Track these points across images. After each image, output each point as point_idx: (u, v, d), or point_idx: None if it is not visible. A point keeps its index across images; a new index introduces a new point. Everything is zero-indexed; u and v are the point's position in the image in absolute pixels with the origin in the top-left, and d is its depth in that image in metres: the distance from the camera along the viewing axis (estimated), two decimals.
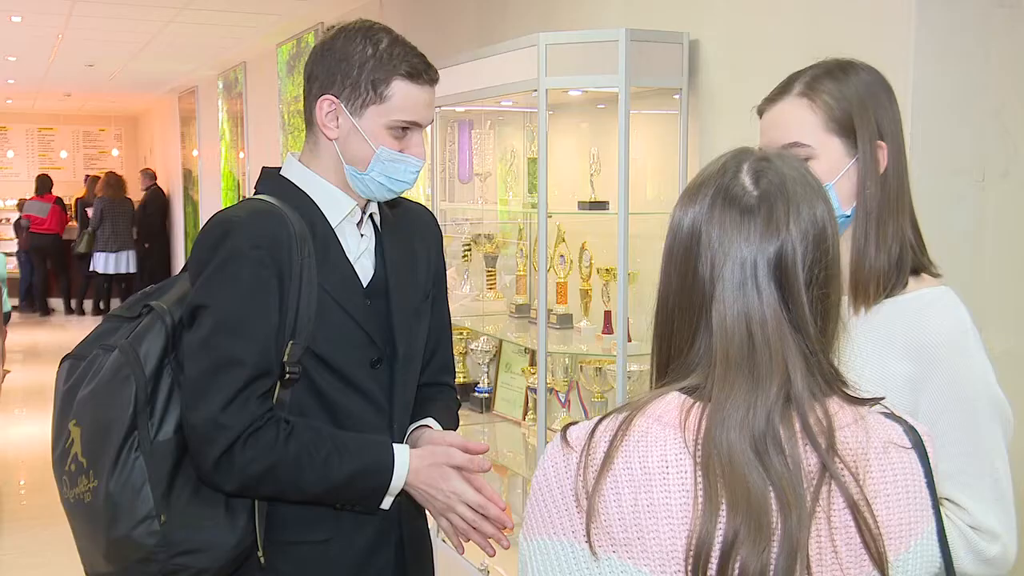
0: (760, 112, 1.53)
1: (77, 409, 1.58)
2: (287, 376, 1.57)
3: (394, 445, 1.62)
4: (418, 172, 1.68)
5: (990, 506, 1.38)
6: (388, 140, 1.63)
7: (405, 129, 1.64)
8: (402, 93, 1.61)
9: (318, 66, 1.65)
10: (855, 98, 1.45)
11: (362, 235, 1.71)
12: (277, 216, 1.59)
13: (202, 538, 1.55)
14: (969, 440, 1.39)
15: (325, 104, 1.63)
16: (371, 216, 1.73)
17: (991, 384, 1.42)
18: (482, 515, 1.62)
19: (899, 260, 1.45)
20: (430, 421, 1.76)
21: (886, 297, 1.45)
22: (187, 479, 1.56)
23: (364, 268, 1.69)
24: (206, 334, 1.53)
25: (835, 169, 1.45)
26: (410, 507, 1.70)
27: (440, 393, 1.85)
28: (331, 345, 1.61)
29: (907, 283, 1.46)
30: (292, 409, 1.59)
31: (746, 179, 1.01)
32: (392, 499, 1.62)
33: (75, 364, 1.63)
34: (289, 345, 1.57)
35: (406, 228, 1.78)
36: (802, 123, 1.46)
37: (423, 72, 1.63)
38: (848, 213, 1.46)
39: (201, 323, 1.54)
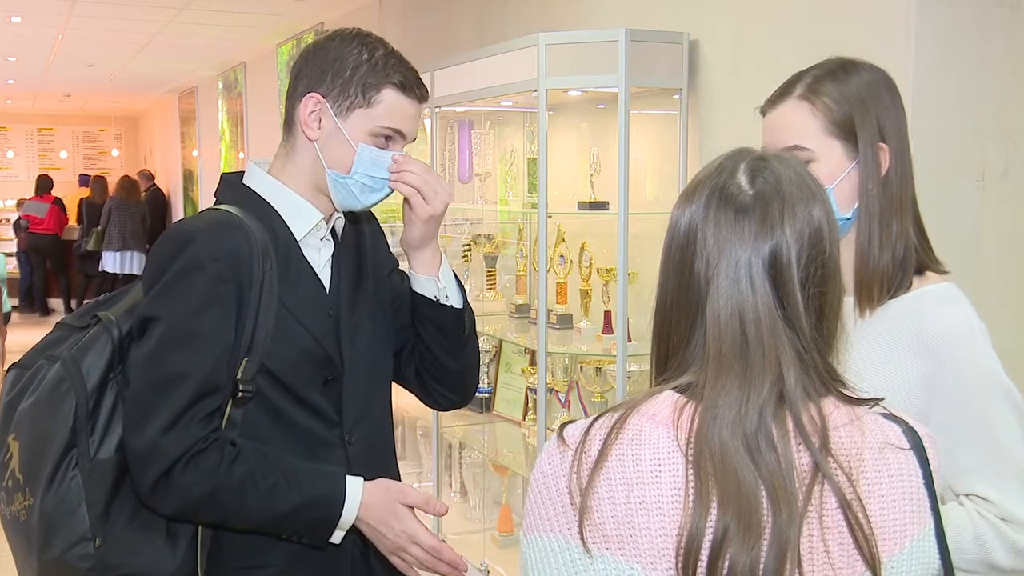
0: (763, 112, 1.53)
1: (17, 422, 1.51)
2: (240, 394, 1.51)
3: (347, 478, 1.54)
4: None
5: (1017, 496, 1.38)
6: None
7: (388, 139, 1.59)
8: (391, 101, 1.57)
9: (308, 65, 1.60)
10: (856, 99, 1.44)
11: (323, 246, 1.65)
12: (238, 228, 1.52)
13: (139, 563, 1.48)
14: (986, 433, 1.39)
15: (310, 102, 1.58)
16: (333, 228, 1.68)
17: (1000, 375, 1.41)
18: (435, 557, 1.56)
19: (903, 260, 1.45)
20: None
21: (890, 298, 1.45)
22: (126, 500, 1.49)
23: (325, 279, 1.64)
24: (153, 348, 1.46)
25: (835, 172, 1.44)
26: None
27: None
28: (287, 363, 1.55)
29: (911, 283, 1.46)
30: (244, 429, 1.53)
31: (742, 179, 1.02)
32: (343, 533, 1.54)
33: (20, 374, 1.56)
34: (244, 362, 1.50)
35: (353, 234, 1.72)
36: (802, 127, 1.45)
37: (415, 86, 1.59)
38: (848, 216, 1.45)
39: (150, 336, 1.48)
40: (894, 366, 1.42)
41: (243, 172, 1.67)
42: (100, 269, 11.10)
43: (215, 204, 1.62)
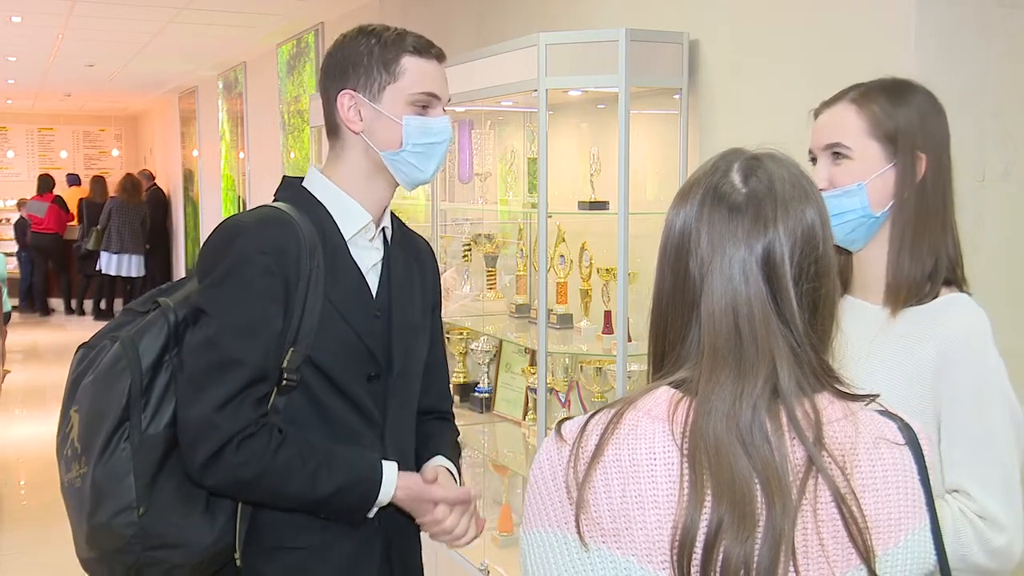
0: (816, 115, 1.61)
1: (79, 396, 1.61)
2: (284, 383, 1.59)
3: (383, 462, 1.64)
4: (449, 128, 1.70)
5: (998, 497, 1.44)
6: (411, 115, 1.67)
7: (425, 106, 1.67)
8: (413, 67, 1.65)
9: (329, 72, 1.69)
10: (902, 112, 1.53)
11: (374, 249, 1.73)
12: (286, 224, 1.61)
13: (178, 534, 1.57)
14: (984, 433, 1.45)
15: (345, 99, 1.66)
16: (383, 231, 1.75)
17: (1005, 384, 1.48)
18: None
19: (932, 273, 1.52)
20: (442, 461, 1.82)
21: (915, 304, 1.52)
22: (171, 474, 1.57)
23: (371, 282, 1.71)
24: (210, 335, 1.55)
25: (869, 171, 1.52)
26: (397, 517, 1.71)
27: (444, 427, 1.92)
28: (331, 356, 1.62)
29: (938, 293, 1.53)
30: (286, 416, 1.61)
31: (735, 177, 1.04)
32: (377, 508, 1.65)
33: (86, 352, 1.67)
34: (289, 352, 1.58)
35: (410, 249, 1.81)
36: (846, 126, 1.54)
37: (429, 47, 1.67)
38: (878, 215, 1.52)
39: (204, 324, 1.56)
40: (909, 362, 1.49)
41: (303, 176, 1.75)
42: (96, 269, 11.10)
43: (273, 201, 1.71)
